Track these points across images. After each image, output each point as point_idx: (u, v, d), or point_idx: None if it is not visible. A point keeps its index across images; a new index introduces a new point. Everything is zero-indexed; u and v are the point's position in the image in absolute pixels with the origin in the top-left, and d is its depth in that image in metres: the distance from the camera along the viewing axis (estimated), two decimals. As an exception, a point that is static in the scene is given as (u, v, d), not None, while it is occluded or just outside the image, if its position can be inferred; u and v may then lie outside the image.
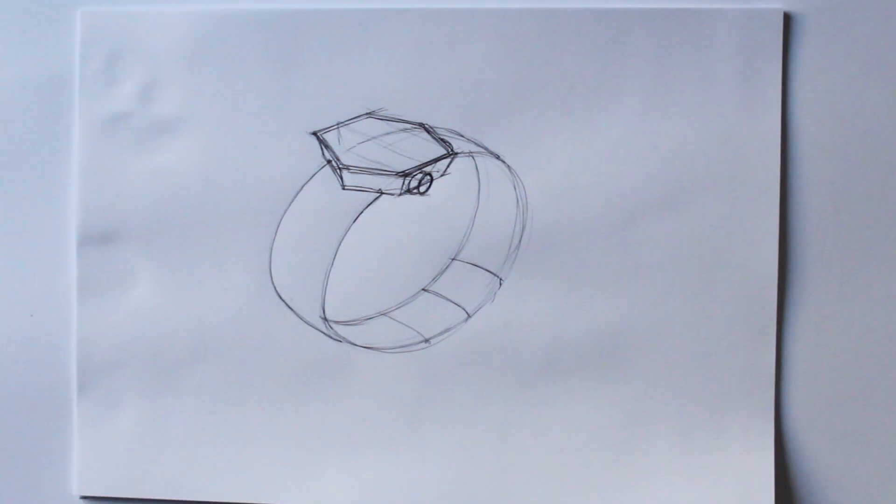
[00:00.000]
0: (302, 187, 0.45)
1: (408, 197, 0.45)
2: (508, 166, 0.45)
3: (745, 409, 0.44)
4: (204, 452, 0.46)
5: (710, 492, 0.44)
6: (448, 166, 0.45)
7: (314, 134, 0.45)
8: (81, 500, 0.46)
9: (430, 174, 0.45)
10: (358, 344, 0.45)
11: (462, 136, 0.45)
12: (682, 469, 0.44)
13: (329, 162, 0.45)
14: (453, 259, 0.45)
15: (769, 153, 0.44)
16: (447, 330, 0.45)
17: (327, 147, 0.45)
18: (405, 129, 0.45)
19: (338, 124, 0.45)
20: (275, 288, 0.45)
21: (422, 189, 0.45)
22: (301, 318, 0.45)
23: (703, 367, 0.44)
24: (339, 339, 0.45)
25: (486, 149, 0.45)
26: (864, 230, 0.44)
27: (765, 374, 0.44)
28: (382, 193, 0.45)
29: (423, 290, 0.45)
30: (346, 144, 0.45)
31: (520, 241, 0.45)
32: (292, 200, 0.45)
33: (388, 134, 0.45)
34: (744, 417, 0.44)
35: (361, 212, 0.45)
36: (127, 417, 0.46)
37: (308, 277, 0.45)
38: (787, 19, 0.43)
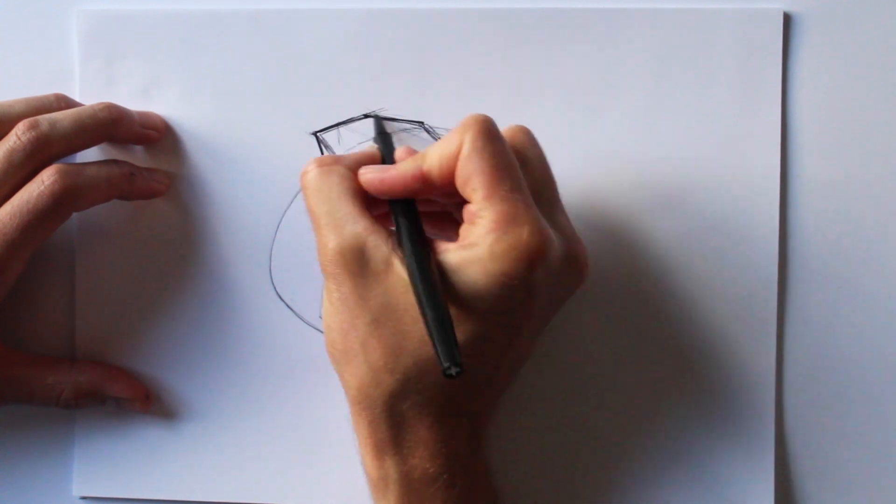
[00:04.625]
0: (302, 187, 0.45)
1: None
2: (508, 166, 0.45)
3: (745, 409, 0.44)
4: (204, 452, 0.46)
5: (711, 492, 0.44)
6: (448, 166, 0.45)
7: (314, 134, 0.45)
8: (81, 501, 0.46)
9: (430, 174, 0.45)
10: (358, 344, 0.45)
11: (462, 136, 0.45)
12: (682, 469, 0.44)
13: (329, 162, 0.45)
14: (453, 259, 0.45)
15: (769, 153, 0.44)
16: (447, 330, 0.45)
17: (327, 147, 0.45)
18: (405, 129, 0.45)
19: (337, 124, 0.45)
20: (275, 288, 0.45)
21: (422, 189, 0.45)
22: (301, 319, 0.45)
23: (703, 367, 0.44)
24: (339, 340, 0.45)
25: (486, 149, 0.45)
26: (864, 230, 0.44)
27: (765, 374, 0.44)
28: (382, 193, 0.45)
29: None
30: (345, 144, 0.45)
31: (520, 241, 0.44)
32: (292, 200, 0.45)
33: (387, 134, 0.45)
34: (744, 417, 0.44)
35: (361, 212, 0.45)
36: (127, 418, 0.46)
37: (308, 277, 0.45)
38: (787, 19, 0.43)
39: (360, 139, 0.45)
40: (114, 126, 0.43)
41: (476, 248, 0.36)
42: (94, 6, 0.46)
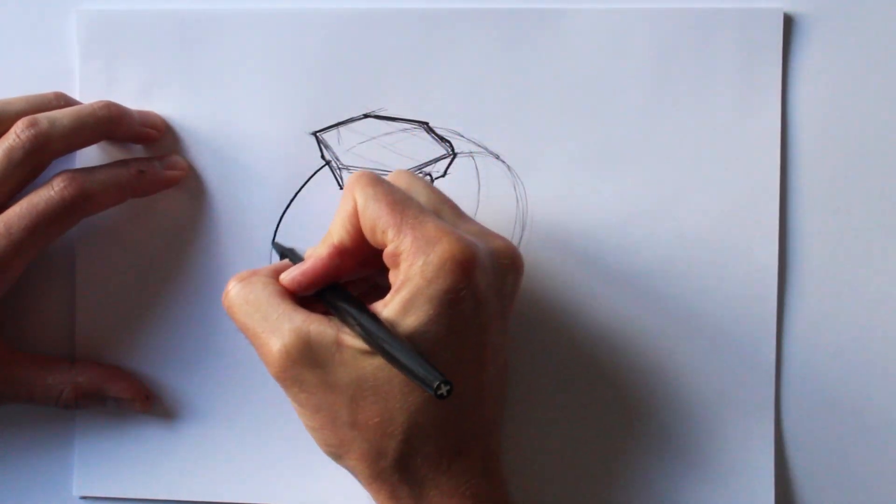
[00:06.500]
0: (301, 187, 0.45)
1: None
2: (508, 166, 0.45)
3: (745, 409, 0.44)
4: (204, 453, 0.46)
5: (711, 492, 0.44)
6: (448, 166, 0.45)
7: (314, 134, 0.45)
8: (81, 501, 0.46)
9: (429, 174, 0.45)
10: (358, 344, 0.45)
11: (462, 136, 0.45)
12: (682, 469, 0.44)
13: (328, 162, 0.45)
14: (453, 259, 0.45)
15: (769, 153, 0.44)
16: (447, 330, 0.45)
17: (327, 147, 0.45)
18: (405, 129, 0.45)
19: (337, 124, 0.45)
20: (275, 288, 0.45)
21: (422, 189, 0.45)
22: (301, 319, 0.45)
23: (702, 367, 0.44)
24: (338, 340, 0.45)
25: (486, 149, 0.45)
26: (864, 230, 0.44)
27: (765, 374, 0.44)
28: (382, 193, 0.45)
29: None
30: (345, 144, 0.45)
31: (520, 241, 0.45)
32: (291, 201, 0.45)
33: (387, 134, 0.45)
34: (744, 417, 0.44)
35: (361, 212, 0.45)
36: (127, 418, 0.46)
37: (308, 277, 0.45)
38: (787, 19, 0.43)
39: (360, 139, 0.45)
40: (113, 124, 0.43)
41: (409, 282, 0.36)
42: (94, 6, 0.46)
